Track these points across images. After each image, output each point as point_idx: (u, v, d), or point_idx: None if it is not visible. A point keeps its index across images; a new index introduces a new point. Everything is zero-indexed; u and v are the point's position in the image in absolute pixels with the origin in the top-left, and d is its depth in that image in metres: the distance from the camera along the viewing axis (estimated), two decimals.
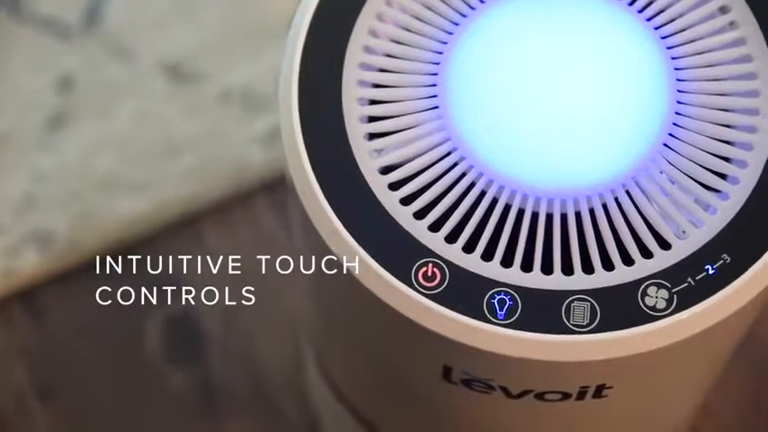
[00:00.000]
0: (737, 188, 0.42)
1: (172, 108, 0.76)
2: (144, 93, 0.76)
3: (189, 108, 0.76)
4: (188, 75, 0.77)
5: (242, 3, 0.79)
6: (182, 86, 0.77)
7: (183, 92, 0.76)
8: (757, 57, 0.44)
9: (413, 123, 0.44)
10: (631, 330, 0.41)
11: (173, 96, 0.76)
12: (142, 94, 0.76)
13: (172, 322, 0.72)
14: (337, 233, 0.42)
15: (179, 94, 0.76)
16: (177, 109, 0.76)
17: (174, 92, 0.76)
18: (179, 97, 0.76)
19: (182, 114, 0.76)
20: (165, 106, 0.76)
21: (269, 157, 0.75)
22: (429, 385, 0.45)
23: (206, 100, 0.76)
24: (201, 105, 0.76)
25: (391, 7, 0.45)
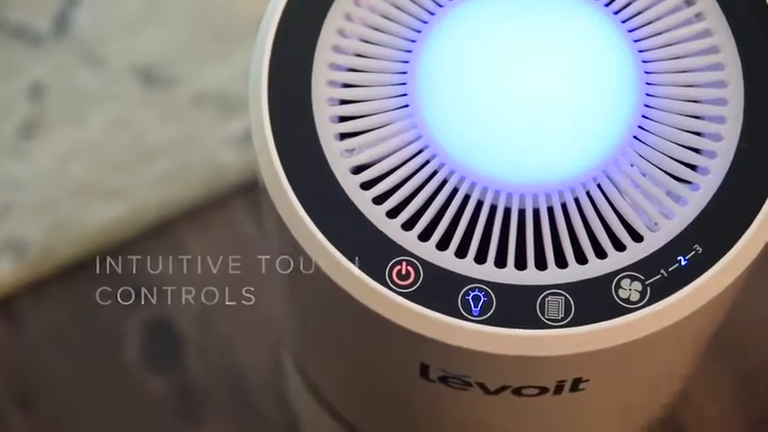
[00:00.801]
0: (708, 179, 0.42)
1: (145, 113, 0.76)
2: (116, 98, 0.76)
3: (162, 112, 0.76)
4: (160, 79, 0.77)
5: (212, 5, 0.79)
6: (154, 91, 0.76)
7: (156, 96, 0.76)
8: (724, 47, 0.44)
9: (383, 122, 0.44)
10: (606, 323, 0.41)
11: (145, 101, 0.76)
12: (114, 99, 0.76)
13: (149, 327, 0.72)
14: (310, 234, 0.42)
15: (151, 98, 0.76)
16: (150, 114, 0.76)
17: (147, 97, 0.76)
18: (152, 102, 0.76)
19: (155, 119, 0.76)
20: (138, 111, 0.76)
21: (243, 160, 0.75)
22: (407, 384, 0.45)
23: (179, 104, 0.76)
24: (174, 109, 0.76)
25: (359, 7, 0.45)
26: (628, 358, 0.43)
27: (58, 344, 0.71)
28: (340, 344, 0.48)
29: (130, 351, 0.71)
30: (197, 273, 0.73)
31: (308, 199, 0.43)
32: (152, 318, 0.72)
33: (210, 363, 0.70)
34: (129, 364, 0.71)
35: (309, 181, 0.43)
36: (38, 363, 0.71)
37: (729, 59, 0.44)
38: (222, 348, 0.71)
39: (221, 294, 0.72)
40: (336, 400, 0.55)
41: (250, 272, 0.72)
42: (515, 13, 0.45)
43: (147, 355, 0.71)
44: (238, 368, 0.70)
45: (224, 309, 0.72)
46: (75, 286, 0.73)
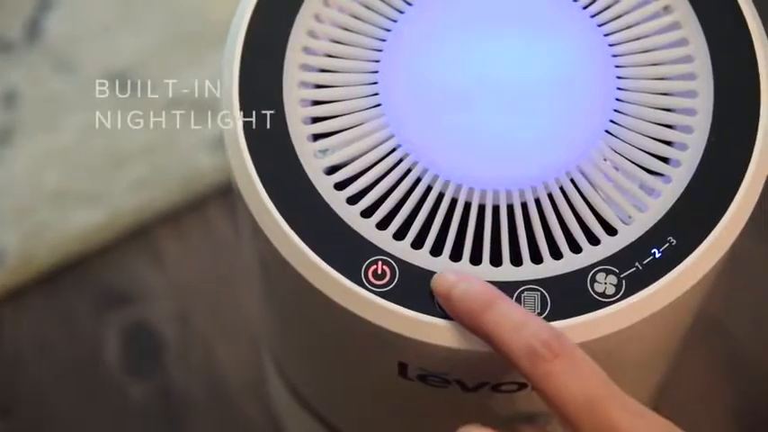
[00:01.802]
0: (680, 171, 0.43)
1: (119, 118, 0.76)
2: (90, 104, 0.76)
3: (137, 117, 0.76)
4: (134, 84, 0.77)
5: (184, 10, 0.79)
6: (128, 96, 0.76)
7: (130, 101, 0.76)
8: (693, 39, 0.44)
9: (356, 122, 0.44)
10: (582, 317, 0.41)
11: (119, 106, 0.76)
12: (88, 105, 0.76)
13: (129, 332, 0.71)
14: (285, 236, 0.42)
15: (125, 103, 0.76)
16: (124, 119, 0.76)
17: (121, 101, 0.76)
18: (126, 107, 0.76)
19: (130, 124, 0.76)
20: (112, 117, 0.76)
21: (219, 163, 0.75)
22: (386, 383, 0.45)
23: (153, 108, 0.76)
24: (149, 114, 0.76)
25: (329, 7, 0.45)
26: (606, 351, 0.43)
27: (39, 351, 0.71)
28: (318, 345, 0.48)
29: (110, 356, 0.71)
30: (175, 276, 0.73)
31: (283, 201, 0.43)
32: (131, 322, 0.72)
33: (191, 366, 0.70)
34: (110, 369, 0.70)
35: (283, 183, 0.43)
36: (17, 371, 0.71)
37: (698, 52, 0.44)
38: (202, 351, 0.71)
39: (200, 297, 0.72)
40: (317, 401, 0.55)
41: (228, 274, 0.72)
42: (485, 11, 0.45)
43: (128, 360, 0.71)
44: (219, 370, 0.70)
45: (203, 311, 0.72)
46: (54, 293, 0.72)
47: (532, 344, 0.39)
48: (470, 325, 0.40)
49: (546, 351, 0.39)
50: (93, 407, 0.70)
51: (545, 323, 0.40)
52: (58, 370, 0.71)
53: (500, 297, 0.40)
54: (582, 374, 0.38)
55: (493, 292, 0.40)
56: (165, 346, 0.71)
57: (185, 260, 0.73)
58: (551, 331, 0.39)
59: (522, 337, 0.39)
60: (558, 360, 0.38)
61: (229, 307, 0.71)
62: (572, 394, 0.38)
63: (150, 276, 0.72)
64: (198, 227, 0.74)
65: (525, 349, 0.39)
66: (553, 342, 0.39)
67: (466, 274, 0.41)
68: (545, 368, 0.38)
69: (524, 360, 0.39)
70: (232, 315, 0.71)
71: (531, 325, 0.39)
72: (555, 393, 0.38)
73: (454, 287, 0.40)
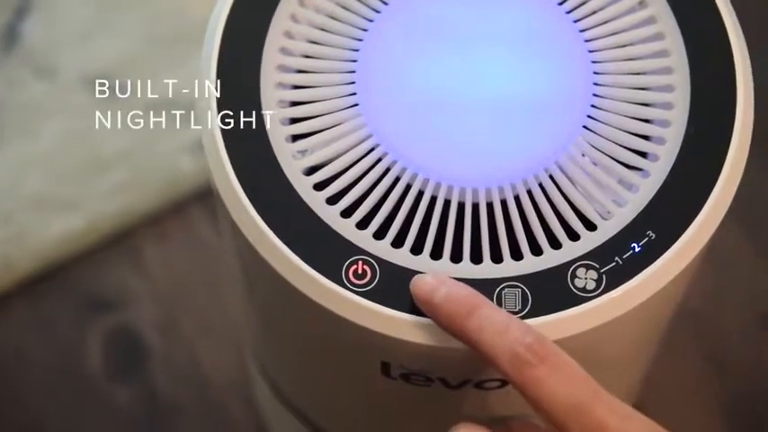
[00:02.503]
0: (658, 165, 0.43)
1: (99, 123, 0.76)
2: (69, 109, 0.76)
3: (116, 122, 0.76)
4: (112, 88, 0.76)
5: (162, 12, 0.79)
6: (107, 100, 0.76)
7: (110, 106, 0.76)
8: (669, 33, 0.44)
9: (334, 122, 0.44)
10: (563, 313, 0.41)
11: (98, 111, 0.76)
12: (67, 110, 0.76)
13: (112, 337, 0.71)
14: (265, 238, 0.42)
15: (105, 108, 0.76)
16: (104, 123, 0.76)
17: (101, 106, 0.76)
18: (106, 111, 0.76)
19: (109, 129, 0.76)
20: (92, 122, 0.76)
21: (200, 165, 0.74)
22: (369, 383, 0.45)
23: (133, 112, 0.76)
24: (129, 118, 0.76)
25: (305, 8, 0.45)
26: (587, 346, 0.43)
27: (21, 359, 0.71)
28: (300, 345, 0.48)
29: (94, 362, 0.71)
30: (158, 280, 0.72)
31: (262, 202, 0.42)
32: (114, 327, 0.71)
33: (175, 369, 0.70)
34: (94, 374, 0.70)
35: (262, 184, 0.43)
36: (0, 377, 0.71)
37: (674, 46, 0.44)
38: (186, 354, 0.71)
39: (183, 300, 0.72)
40: (301, 401, 0.55)
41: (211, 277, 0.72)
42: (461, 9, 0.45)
43: (112, 365, 0.71)
44: (203, 373, 0.70)
45: (186, 315, 0.72)
46: (36, 299, 0.72)
47: (516, 349, 0.39)
48: (453, 330, 0.40)
49: (530, 356, 0.38)
50: (78, 413, 0.70)
51: (528, 327, 0.39)
52: (41, 377, 0.71)
53: (482, 301, 0.40)
54: (567, 378, 0.38)
55: (475, 296, 0.40)
56: (149, 350, 0.71)
57: (167, 264, 0.73)
58: (535, 335, 0.39)
59: (506, 342, 0.39)
60: (542, 365, 0.38)
61: (213, 309, 0.71)
62: (559, 399, 0.38)
63: (133, 281, 0.72)
64: (180, 230, 0.74)
65: (509, 354, 0.39)
66: (537, 346, 0.39)
67: (445, 276, 0.41)
68: (530, 373, 0.38)
69: (509, 365, 0.39)
70: (215, 317, 0.71)
71: (514, 329, 0.39)
72: (542, 398, 0.38)
73: (435, 291, 0.40)
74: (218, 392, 0.70)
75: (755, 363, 0.70)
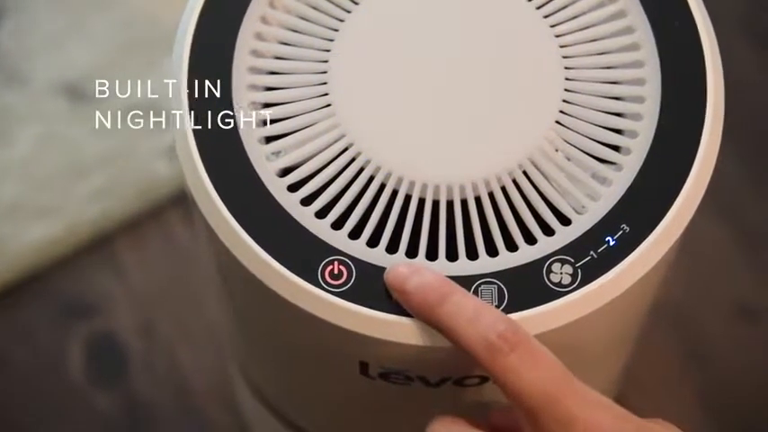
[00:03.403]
0: (630, 158, 0.43)
1: (74, 129, 0.75)
2: (44, 116, 0.76)
3: (92, 127, 0.76)
4: (87, 94, 0.76)
5: (135, 16, 0.78)
6: (82, 106, 0.76)
7: (84, 111, 0.76)
8: (639, 27, 0.44)
9: (307, 123, 0.44)
10: (539, 308, 0.41)
11: (74, 117, 0.76)
12: (42, 117, 0.76)
13: (92, 344, 0.71)
14: (241, 241, 0.42)
15: (80, 114, 0.76)
16: (80, 129, 0.76)
17: (75, 113, 0.76)
18: (80, 118, 0.76)
19: (84, 135, 0.75)
20: (67, 127, 0.75)
21: (177, 170, 0.74)
22: (348, 382, 0.45)
23: (108, 118, 0.76)
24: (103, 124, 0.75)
25: (275, 9, 0.45)
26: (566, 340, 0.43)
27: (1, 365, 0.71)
28: (279, 347, 0.48)
29: (75, 368, 0.70)
30: (137, 285, 0.72)
31: (237, 205, 0.42)
32: (94, 333, 0.71)
33: (156, 374, 0.70)
34: (75, 380, 0.70)
35: (236, 187, 0.43)
36: None
37: (644, 39, 0.44)
38: (167, 358, 0.70)
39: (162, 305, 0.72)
40: (282, 403, 0.55)
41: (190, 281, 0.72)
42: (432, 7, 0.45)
43: (92, 371, 0.70)
44: (184, 377, 0.70)
45: (166, 319, 0.71)
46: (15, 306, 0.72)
47: (489, 336, 0.39)
48: (426, 318, 0.40)
49: (502, 343, 0.39)
50: (59, 420, 0.70)
51: (501, 314, 0.40)
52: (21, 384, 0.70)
53: (455, 288, 0.40)
54: (539, 366, 0.39)
55: (447, 284, 0.40)
56: (129, 355, 0.71)
57: (146, 269, 0.73)
58: (507, 323, 0.39)
59: (479, 329, 0.39)
60: (514, 353, 0.39)
61: (192, 313, 0.71)
62: (530, 387, 0.38)
63: (112, 286, 0.72)
64: (158, 235, 0.73)
65: (482, 342, 0.39)
66: (509, 334, 0.39)
67: (418, 265, 0.41)
68: (502, 361, 0.39)
69: (482, 352, 0.39)
70: (195, 321, 0.71)
71: (486, 316, 0.39)
72: (513, 386, 0.39)
73: (408, 280, 0.40)
74: (199, 396, 0.70)
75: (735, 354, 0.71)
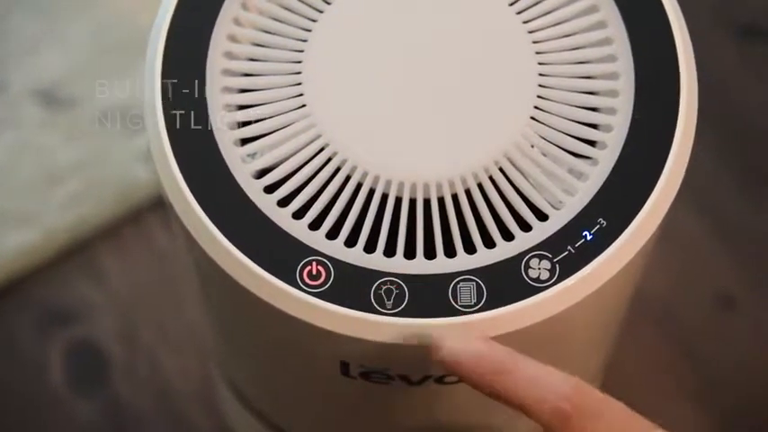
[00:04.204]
0: (606, 153, 0.43)
1: (50, 135, 0.75)
2: (19, 123, 0.75)
3: (68, 133, 0.75)
4: (63, 100, 0.76)
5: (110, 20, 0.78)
6: (58, 112, 0.76)
7: (60, 117, 0.75)
8: (611, 21, 0.44)
9: (283, 124, 0.44)
10: (518, 305, 0.41)
11: (49, 123, 0.75)
12: (17, 124, 0.75)
13: (73, 351, 0.71)
14: (218, 243, 0.42)
15: (56, 120, 0.75)
16: (55, 135, 0.75)
17: (51, 118, 0.75)
18: (56, 123, 0.75)
19: (61, 140, 0.75)
20: (43, 134, 0.75)
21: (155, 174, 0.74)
22: (330, 383, 0.45)
23: (83, 123, 0.75)
24: (80, 129, 0.75)
25: (248, 11, 0.45)
26: (545, 335, 0.43)
27: None
28: (260, 349, 0.48)
29: (56, 375, 0.70)
30: (117, 291, 0.72)
31: (214, 208, 0.42)
32: (75, 340, 0.71)
33: (138, 379, 0.70)
34: (56, 388, 0.70)
35: (212, 189, 0.43)
36: None
37: (617, 33, 0.44)
38: (149, 364, 0.70)
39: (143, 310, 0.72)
40: (265, 406, 0.54)
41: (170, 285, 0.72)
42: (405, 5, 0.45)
43: (74, 378, 0.70)
44: (167, 383, 0.70)
45: (147, 324, 0.71)
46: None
47: (560, 406, 0.38)
48: (486, 391, 0.39)
49: (571, 408, 0.38)
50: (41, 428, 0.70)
51: (567, 377, 0.38)
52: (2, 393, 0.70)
53: (511, 357, 0.39)
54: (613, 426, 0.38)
55: (502, 354, 0.39)
56: (111, 361, 0.70)
57: (126, 274, 0.72)
58: (576, 387, 0.38)
59: (547, 399, 0.38)
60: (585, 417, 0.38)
61: (173, 318, 0.71)
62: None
63: (92, 292, 0.72)
64: (137, 239, 0.73)
65: (550, 410, 0.38)
66: (577, 398, 0.38)
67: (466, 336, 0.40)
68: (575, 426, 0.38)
69: (553, 422, 0.38)
70: (177, 325, 0.70)
71: (553, 383, 0.38)
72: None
73: (462, 354, 0.39)
74: (182, 401, 0.69)
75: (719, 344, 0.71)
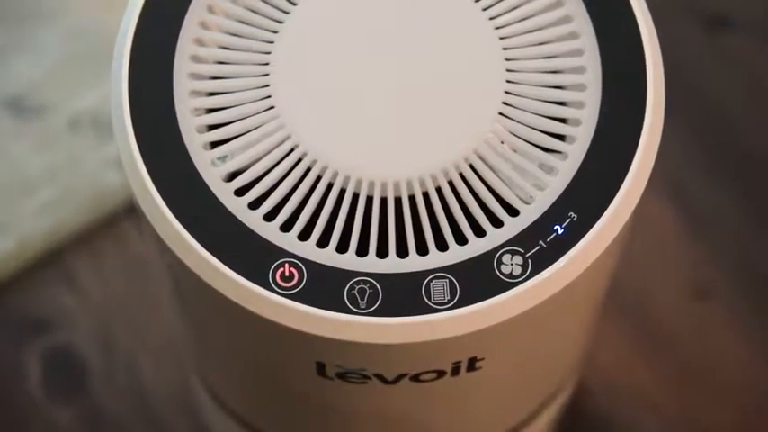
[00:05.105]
0: (575, 147, 0.43)
1: (21, 144, 0.75)
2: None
3: (39, 141, 0.75)
4: (33, 108, 0.76)
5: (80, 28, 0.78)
6: (28, 120, 0.75)
7: (30, 126, 0.75)
8: (576, 15, 0.44)
9: (252, 126, 0.44)
10: (491, 301, 0.41)
11: (20, 132, 0.75)
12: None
13: (50, 359, 0.70)
14: (189, 248, 0.42)
15: (26, 128, 0.75)
16: (26, 144, 0.75)
17: (21, 127, 0.75)
18: (27, 132, 0.75)
19: (32, 149, 0.75)
20: (14, 142, 0.75)
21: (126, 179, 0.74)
22: (306, 384, 0.45)
23: (55, 131, 0.75)
24: (51, 137, 0.75)
25: (214, 14, 0.45)
26: (520, 331, 0.43)
27: None
28: (236, 352, 0.48)
29: (34, 384, 0.70)
30: (93, 297, 0.72)
31: (184, 213, 0.42)
32: (52, 348, 0.71)
33: (116, 386, 0.70)
34: (34, 397, 0.69)
35: (183, 194, 0.42)
36: None
37: (583, 26, 0.44)
38: (126, 371, 0.70)
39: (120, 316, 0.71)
40: (243, 410, 0.54)
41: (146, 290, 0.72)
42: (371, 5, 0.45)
43: (51, 387, 0.70)
44: (145, 389, 0.70)
45: (124, 330, 0.71)
46: None
47: None
48: None
49: None
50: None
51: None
52: None
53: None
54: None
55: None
56: (89, 368, 0.70)
57: (102, 280, 0.72)
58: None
59: None
60: None
61: (150, 323, 0.71)
62: None
63: (67, 300, 0.72)
64: (112, 246, 0.73)
65: None
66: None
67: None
68: None
69: None
70: (154, 331, 0.70)
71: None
72: None
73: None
74: (160, 406, 0.69)
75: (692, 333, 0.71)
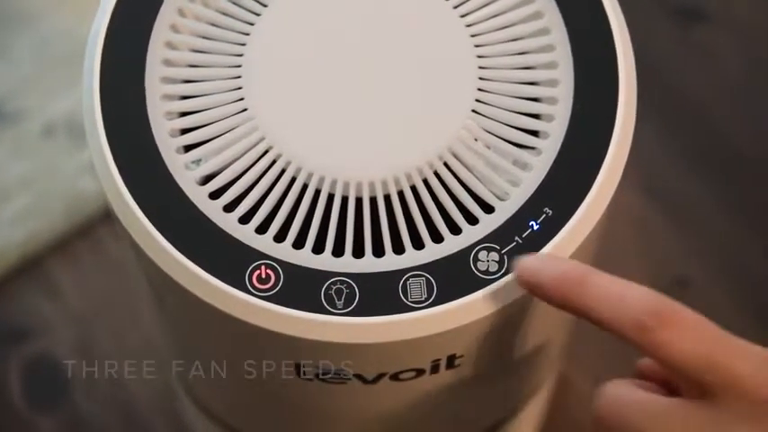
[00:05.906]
0: (548, 142, 0.43)
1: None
2: None
3: (13, 148, 0.75)
4: (6, 114, 0.75)
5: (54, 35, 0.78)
6: (3, 127, 0.75)
7: (6, 132, 0.75)
8: (547, 10, 0.44)
9: (225, 129, 0.44)
10: (468, 297, 0.41)
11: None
12: None
13: (31, 368, 0.70)
14: (165, 252, 0.42)
15: (1, 135, 0.75)
16: (2, 150, 0.75)
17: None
18: (2, 138, 0.75)
19: (6, 155, 0.74)
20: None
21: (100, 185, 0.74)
22: (286, 385, 0.45)
23: (29, 137, 0.75)
24: (26, 143, 0.75)
25: (185, 17, 0.45)
26: (498, 328, 0.43)
27: None
28: (215, 355, 0.48)
29: (15, 393, 0.70)
30: (72, 304, 0.71)
31: (159, 217, 0.42)
32: (32, 356, 0.70)
33: (98, 393, 0.69)
34: (15, 406, 0.69)
35: (157, 198, 0.42)
36: None
37: (554, 21, 0.44)
38: (107, 377, 0.70)
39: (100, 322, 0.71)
40: (226, 413, 0.54)
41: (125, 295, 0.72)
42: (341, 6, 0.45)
43: (32, 396, 0.69)
44: (128, 396, 0.69)
45: (104, 336, 0.71)
46: None
47: (639, 318, 0.38)
48: (566, 306, 0.40)
49: (654, 322, 0.38)
50: None
51: (644, 290, 0.39)
52: None
53: (590, 272, 0.39)
54: (693, 336, 0.38)
55: (582, 269, 0.40)
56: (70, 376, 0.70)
57: (80, 287, 0.72)
58: (654, 299, 0.38)
59: (627, 312, 0.38)
60: (666, 329, 0.38)
61: (130, 328, 0.70)
62: (688, 358, 0.38)
63: (46, 307, 0.71)
64: (89, 252, 0.73)
65: (632, 323, 0.38)
66: (657, 310, 0.38)
67: (545, 255, 0.41)
68: (656, 338, 0.38)
69: (633, 333, 0.38)
70: (134, 336, 0.70)
71: (632, 296, 0.39)
72: (670, 360, 0.38)
73: (540, 272, 0.40)
74: (143, 412, 0.69)
75: None
